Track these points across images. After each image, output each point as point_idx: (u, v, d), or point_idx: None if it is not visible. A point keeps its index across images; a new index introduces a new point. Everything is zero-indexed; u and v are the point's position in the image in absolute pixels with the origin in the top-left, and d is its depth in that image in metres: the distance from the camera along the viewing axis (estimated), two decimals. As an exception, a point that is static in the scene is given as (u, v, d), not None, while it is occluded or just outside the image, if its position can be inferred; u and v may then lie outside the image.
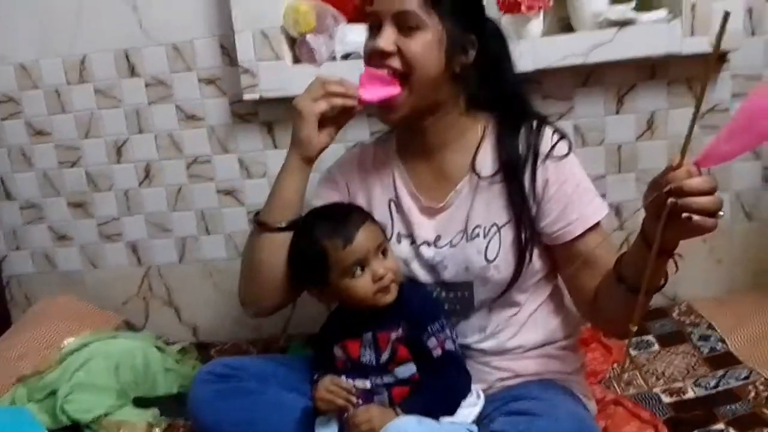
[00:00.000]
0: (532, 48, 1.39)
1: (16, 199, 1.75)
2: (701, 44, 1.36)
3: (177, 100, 1.63)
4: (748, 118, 0.69)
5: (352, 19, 1.50)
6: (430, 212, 1.06)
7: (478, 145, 1.03)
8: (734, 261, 1.56)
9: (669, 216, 0.73)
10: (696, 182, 0.71)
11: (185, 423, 1.26)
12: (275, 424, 1.03)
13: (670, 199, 0.72)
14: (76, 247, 1.76)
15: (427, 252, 1.04)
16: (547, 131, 1.02)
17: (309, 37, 1.46)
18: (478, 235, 1.01)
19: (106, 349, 1.35)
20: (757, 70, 1.46)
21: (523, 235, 0.99)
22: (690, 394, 1.19)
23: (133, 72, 1.63)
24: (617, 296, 0.90)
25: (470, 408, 1.00)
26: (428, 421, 0.93)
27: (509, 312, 1.04)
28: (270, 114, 1.60)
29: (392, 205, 1.08)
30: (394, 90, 0.97)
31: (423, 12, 0.95)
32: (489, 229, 1.01)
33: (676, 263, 0.83)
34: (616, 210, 1.54)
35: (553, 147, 1.00)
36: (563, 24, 1.51)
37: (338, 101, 0.98)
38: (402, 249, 1.06)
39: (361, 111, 1.02)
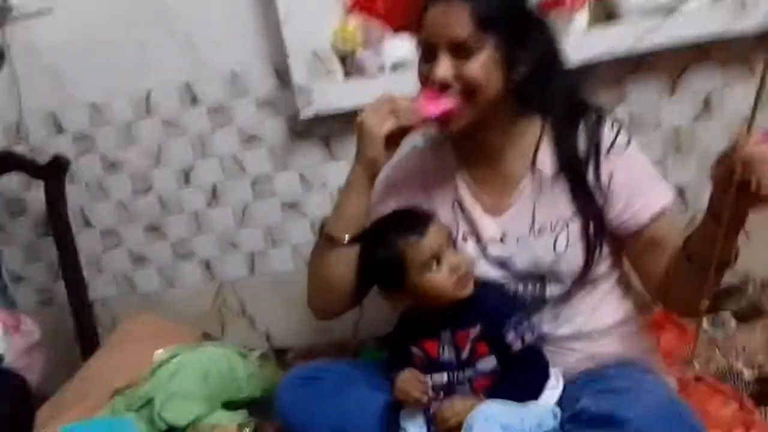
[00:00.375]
0: (580, 40, 1.40)
1: (95, 227, 1.86)
2: (751, 22, 1.34)
3: (237, 124, 1.71)
4: None
5: (398, 28, 1.54)
6: (494, 212, 1.07)
7: (537, 145, 1.04)
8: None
9: (737, 189, 0.74)
10: (764, 150, 0.72)
11: (272, 423, 1.33)
12: (362, 421, 1.07)
13: (738, 171, 0.73)
14: (153, 268, 1.87)
15: (495, 249, 1.06)
16: (606, 125, 1.03)
17: (358, 53, 1.51)
18: (545, 230, 1.03)
19: (194, 359, 1.43)
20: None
21: (591, 228, 1.01)
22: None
23: (194, 101, 1.72)
24: (688, 275, 0.91)
25: (551, 391, 1.02)
26: (513, 404, 0.96)
27: (580, 298, 1.05)
28: (326, 129, 1.66)
29: (456, 206, 1.10)
30: (453, 102, 0.98)
31: (476, 36, 0.95)
32: (556, 225, 1.03)
33: (747, 234, 0.84)
34: (680, 192, 1.53)
35: (613, 141, 1.01)
36: (607, 12, 1.51)
37: (404, 119, 0.99)
38: (469, 248, 1.08)
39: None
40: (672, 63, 1.48)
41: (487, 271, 1.07)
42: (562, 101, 1.04)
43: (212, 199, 1.79)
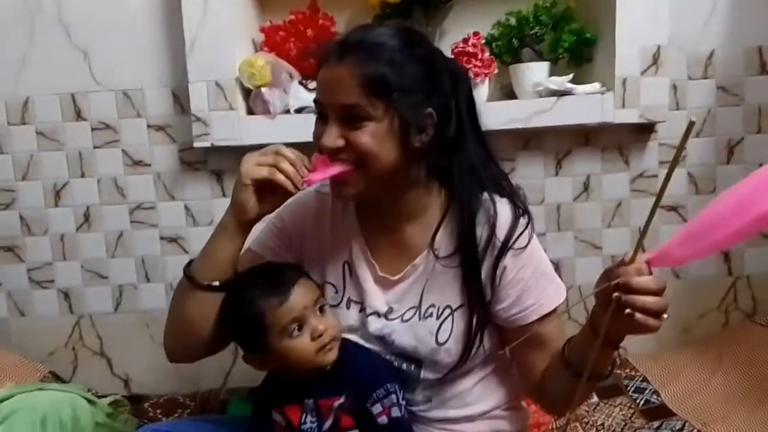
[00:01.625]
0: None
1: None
2: (631, 115, 1.48)
3: (124, 145, 1.61)
4: (705, 225, 0.69)
5: (307, 74, 1.54)
6: (384, 283, 1.01)
7: (439, 222, 0.98)
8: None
9: (616, 309, 0.74)
10: (643, 281, 0.73)
11: (115, 482, 1.19)
12: None
13: (615, 294, 0.74)
14: (3, 293, 1.67)
15: (376, 323, 1.00)
16: (506, 218, 0.96)
17: (264, 90, 1.48)
18: (431, 315, 0.97)
19: (32, 402, 1.25)
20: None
21: (474, 321, 0.96)
22: (628, 447, 1.23)
23: (78, 116, 1.60)
24: (562, 379, 0.91)
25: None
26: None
27: (456, 385, 1.02)
28: (220, 162, 1.60)
29: (346, 267, 1.03)
30: (342, 168, 0.90)
31: (368, 103, 0.86)
32: (443, 311, 0.97)
33: (620, 355, 0.85)
34: (555, 266, 1.60)
35: (514, 239, 0.95)
36: (506, 91, 1.61)
37: (280, 178, 0.89)
38: (351, 315, 1.01)
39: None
40: (558, 144, 1.59)
41: (369, 344, 1.01)
42: (470, 174, 0.95)
43: (84, 222, 1.64)
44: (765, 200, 0.67)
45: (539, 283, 0.97)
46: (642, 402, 1.36)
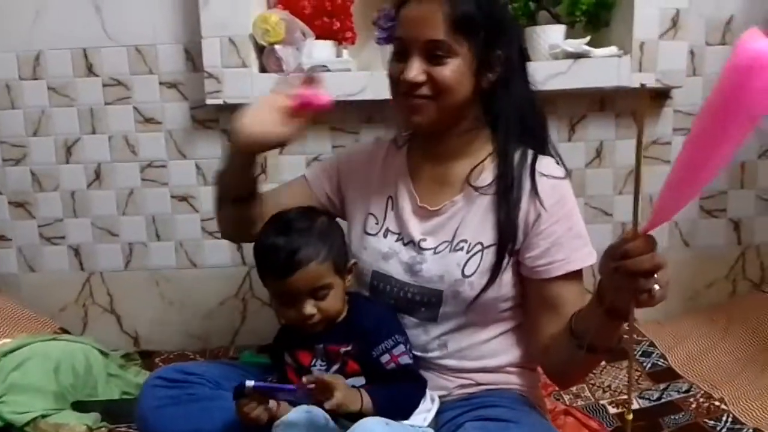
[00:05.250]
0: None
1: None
2: (647, 79, 1.46)
3: (135, 101, 1.60)
4: (683, 163, 0.67)
5: (320, 36, 1.53)
6: (422, 213, 1.04)
7: (482, 161, 1.02)
8: (671, 285, 1.64)
9: (620, 281, 0.74)
10: (639, 261, 0.72)
11: (127, 429, 1.21)
12: (227, 431, 0.99)
13: (614, 266, 0.73)
14: (14, 248, 1.68)
15: (410, 252, 1.03)
16: (546, 159, 1.01)
17: (278, 47, 1.47)
18: (462, 248, 1.00)
19: (46, 350, 1.28)
20: (697, 107, 1.57)
21: (504, 261, 0.97)
22: (635, 406, 1.24)
23: (90, 71, 1.59)
24: (566, 348, 0.91)
25: (424, 413, 0.99)
26: (394, 424, 0.91)
27: (472, 336, 1.02)
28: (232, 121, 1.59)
29: (390, 201, 1.08)
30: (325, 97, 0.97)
31: (452, 39, 0.92)
32: (474, 246, 0.99)
33: (632, 327, 0.80)
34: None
35: (549, 172, 0.99)
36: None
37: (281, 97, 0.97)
38: (386, 243, 1.06)
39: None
40: (572, 109, 1.58)
41: (395, 268, 1.04)
42: (518, 116, 1.00)
43: (95, 179, 1.64)
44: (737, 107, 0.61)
45: (572, 243, 0.97)
46: (649, 365, 1.38)
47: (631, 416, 0.74)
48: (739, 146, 0.63)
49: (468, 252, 0.99)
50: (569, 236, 0.97)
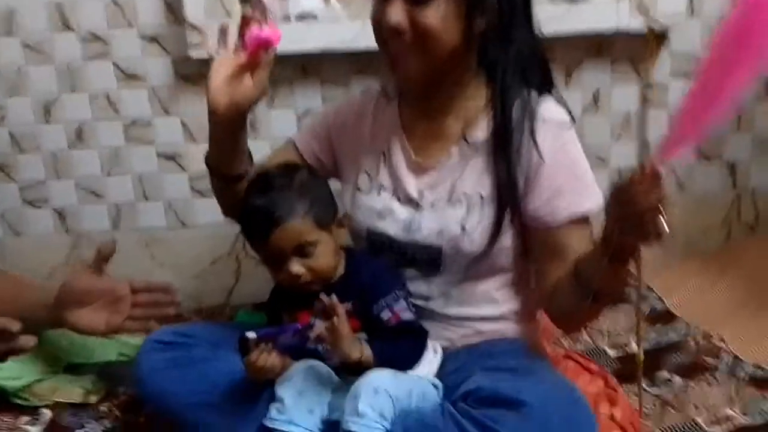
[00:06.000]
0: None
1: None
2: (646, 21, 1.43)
3: (115, 57, 1.54)
4: (695, 96, 0.66)
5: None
6: (417, 169, 1.01)
7: (478, 113, 0.98)
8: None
9: (628, 224, 0.72)
10: (647, 197, 0.69)
11: (125, 391, 1.20)
12: (228, 391, 0.99)
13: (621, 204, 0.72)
14: (-4, 213, 1.63)
15: (406, 210, 1.01)
16: (548, 101, 0.97)
17: (263, -6, 1.41)
18: (461, 201, 0.97)
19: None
20: (695, 49, 1.54)
21: (504, 212, 0.95)
22: (634, 348, 1.25)
23: (66, 26, 1.52)
24: (571, 293, 0.89)
25: (429, 364, 0.99)
26: (401, 375, 0.91)
27: (475, 286, 1.01)
28: (217, 75, 1.54)
29: (383, 157, 1.04)
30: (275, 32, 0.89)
31: None
32: (473, 198, 0.97)
33: (640, 270, 0.81)
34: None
35: (550, 117, 0.95)
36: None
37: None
38: (379, 201, 1.03)
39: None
40: (569, 55, 1.54)
41: (391, 227, 1.01)
42: (518, 66, 0.95)
43: (76, 140, 1.59)
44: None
45: (575, 187, 0.94)
46: (647, 308, 1.39)
47: (642, 357, 0.73)
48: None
49: (468, 205, 0.97)
50: (572, 183, 0.94)
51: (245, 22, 0.90)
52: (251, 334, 0.90)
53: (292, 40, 1.41)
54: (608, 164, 1.61)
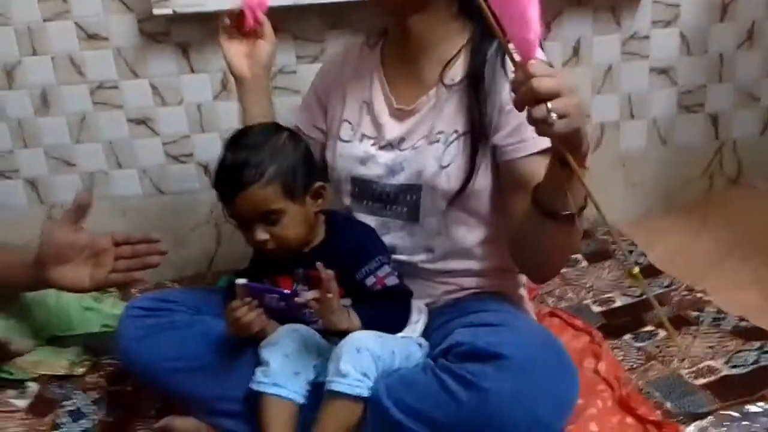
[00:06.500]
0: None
1: None
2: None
3: (75, 17, 1.46)
4: None
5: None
6: (399, 115, 1.04)
7: (455, 56, 1.00)
8: (649, 185, 1.65)
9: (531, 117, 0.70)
10: (521, 91, 0.69)
11: (110, 361, 1.19)
12: (211, 355, 0.99)
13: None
14: (-39, 186, 1.58)
15: (388, 154, 1.03)
16: None
17: (228, -54, 1.34)
18: (438, 140, 0.99)
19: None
20: (677, -1, 1.52)
21: (479, 148, 0.96)
22: (618, 303, 1.27)
23: (21, -16, 1.44)
24: (534, 224, 0.86)
25: (414, 324, 0.99)
26: (384, 335, 0.91)
27: (456, 240, 1.02)
28: (185, 33, 1.47)
29: (365, 107, 1.07)
30: None
31: None
32: (450, 135, 0.99)
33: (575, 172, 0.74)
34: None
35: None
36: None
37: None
38: (362, 148, 1.05)
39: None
40: (549, 4, 1.48)
41: (373, 170, 1.03)
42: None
43: (41, 106, 1.52)
44: None
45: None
46: (632, 264, 1.39)
47: (637, 269, 0.72)
48: None
49: (445, 142, 0.99)
50: None
51: None
52: (242, 281, 0.91)
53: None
54: (590, 118, 1.58)
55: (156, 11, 1.38)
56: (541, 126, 0.69)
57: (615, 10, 1.52)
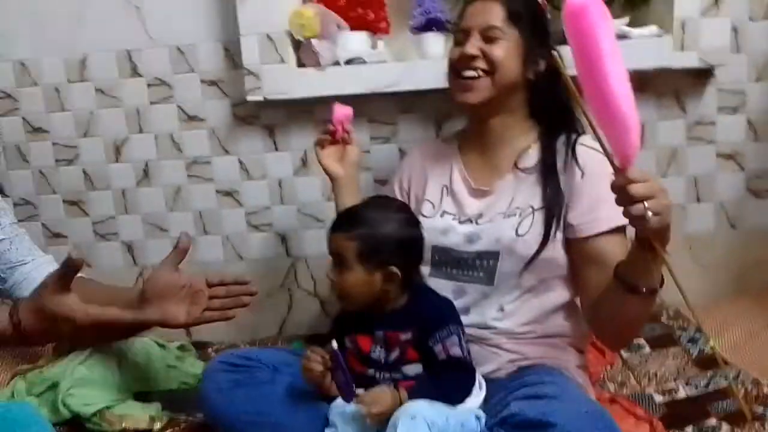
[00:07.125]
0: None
1: (8, 196, 1.73)
2: (689, 59, 1.43)
3: (178, 100, 1.65)
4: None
5: (354, 27, 1.54)
6: (477, 194, 1.20)
7: (527, 148, 1.17)
8: (717, 268, 1.63)
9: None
10: (623, 192, 0.83)
11: (186, 419, 1.26)
12: (290, 414, 1.06)
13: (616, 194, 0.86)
14: (70, 245, 1.75)
15: (468, 227, 1.16)
16: (588, 137, 1.14)
17: (314, 41, 1.49)
18: (515, 214, 1.13)
19: (107, 346, 1.34)
20: (741, 85, 1.54)
21: (554, 221, 1.09)
22: (682, 394, 1.23)
23: (134, 72, 1.64)
24: (613, 296, 0.97)
25: (474, 397, 1.03)
26: (438, 404, 0.96)
27: (528, 302, 1.12)
28: (272, 117, 1.62)
29: (444, 190, 1.24)
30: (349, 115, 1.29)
31: (506, 26, 1.13)
32: (525, 210, 1.12)
33: (660, 254, 0.89)
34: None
35: (590, 144, 1.12)
36: (557, 37, 1.56)
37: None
38: (442, 222, 1.19)
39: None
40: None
41: (454, 239, 1.15)
42: (557, 109, 1.15)
43: (143, 177, 1.70)
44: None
45: (613, 200, 1.00)
46: (696, 352, 1.36)
47: (712, 343, 0.82)
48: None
49: (521, 216, 1.12)
50: (611, 196, 0.98)
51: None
52: (334, 345, 1.01)
53: (341, 83, 1.49)
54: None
55: (249, 98, 1.54)
56: (637, 221, 0.83)
57: (679, 96, 1.55)
